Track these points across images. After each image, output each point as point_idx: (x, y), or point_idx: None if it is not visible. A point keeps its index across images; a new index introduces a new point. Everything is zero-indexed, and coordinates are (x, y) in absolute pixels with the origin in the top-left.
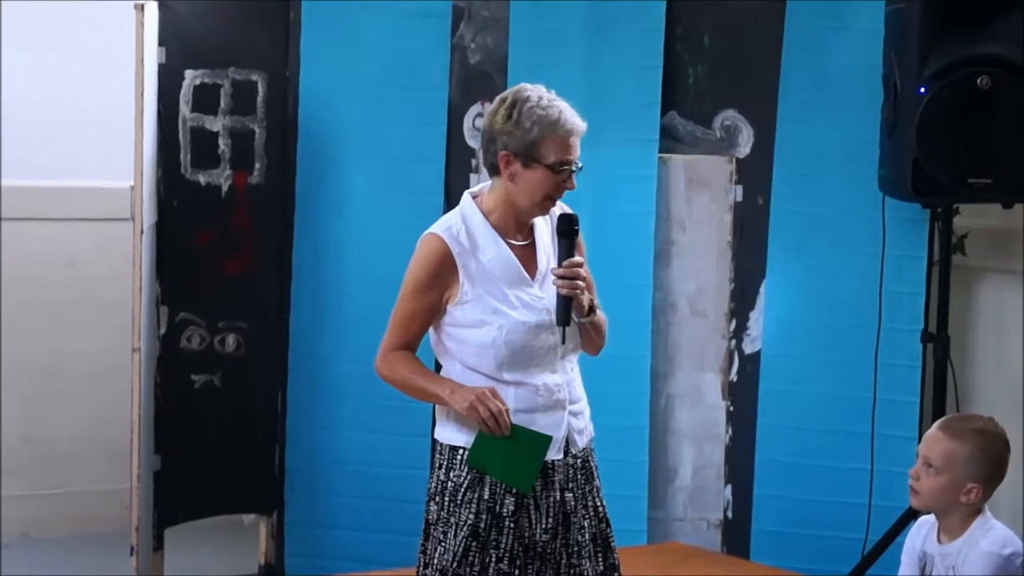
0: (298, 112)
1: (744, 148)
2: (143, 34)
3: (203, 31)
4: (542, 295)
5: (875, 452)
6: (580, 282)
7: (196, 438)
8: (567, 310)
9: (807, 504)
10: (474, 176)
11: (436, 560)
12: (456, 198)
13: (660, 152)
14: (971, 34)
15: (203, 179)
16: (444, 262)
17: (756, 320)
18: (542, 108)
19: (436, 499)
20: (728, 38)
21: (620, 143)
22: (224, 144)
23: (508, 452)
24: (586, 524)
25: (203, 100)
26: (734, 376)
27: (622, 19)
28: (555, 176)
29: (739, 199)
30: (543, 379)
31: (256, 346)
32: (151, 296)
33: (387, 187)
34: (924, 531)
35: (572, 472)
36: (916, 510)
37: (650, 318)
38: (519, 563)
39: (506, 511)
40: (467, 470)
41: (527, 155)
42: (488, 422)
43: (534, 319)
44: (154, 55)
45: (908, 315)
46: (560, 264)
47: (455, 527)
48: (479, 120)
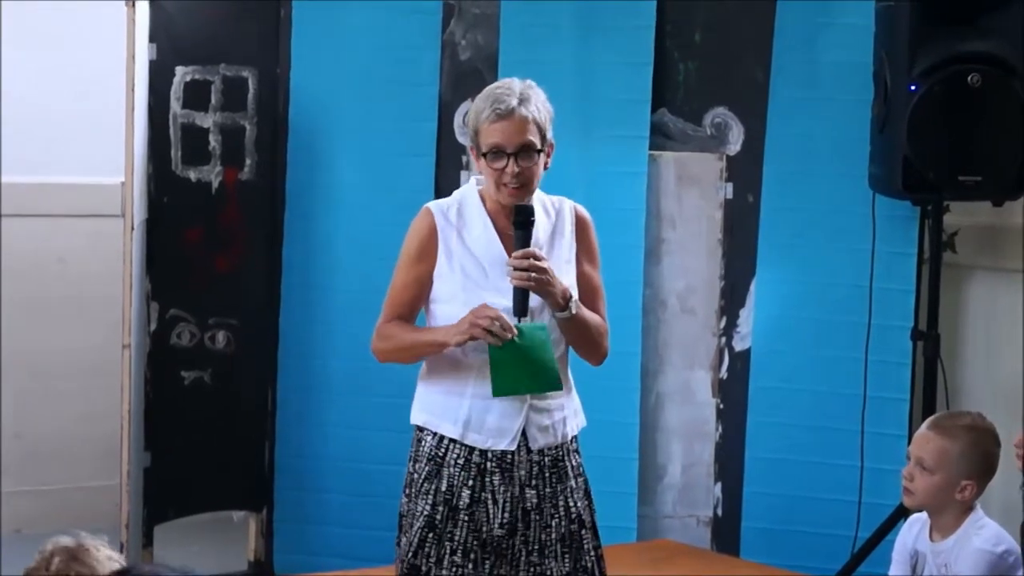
0: (289, 109)
1: (734, 145)
2: (134, 31)
3: (194, 28)
4: None
5: (865, 449)
6: (535, 274)
7: (186, 435)
8: (523, 302)
9: (797, 501)
10: (464, 173)
11: (400, 551)
12: (446, 194)
13: (650, 149)
14: (961, 31)
15: (194, 175)
16: (429, 234)
17: (746, 317)
18: (482, 99)
19: (406, 490)
20: (719, 35)
21: (610, 140)
22: (215, 140)
23: (523, 356)
24: (553, 524)
25: (194, 96)
26: (724, 373)
27: (613, 16)
28: (492, 163)
29: (729, 196)
30: None
31: (246, 343)
32: (142, 292)
33: (377, 183)
34: (916, 529)
35: (536, 469)
36: (906, 508)
37: (640, 315)
38: (474, 557)
39: (462, 503)
40: (427, 461)
41: (476, 147)
42: (493, 329)
43: (503, 303)
44: (145, 52)
45: (898, 312)
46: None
47: (412, 518)
48: None
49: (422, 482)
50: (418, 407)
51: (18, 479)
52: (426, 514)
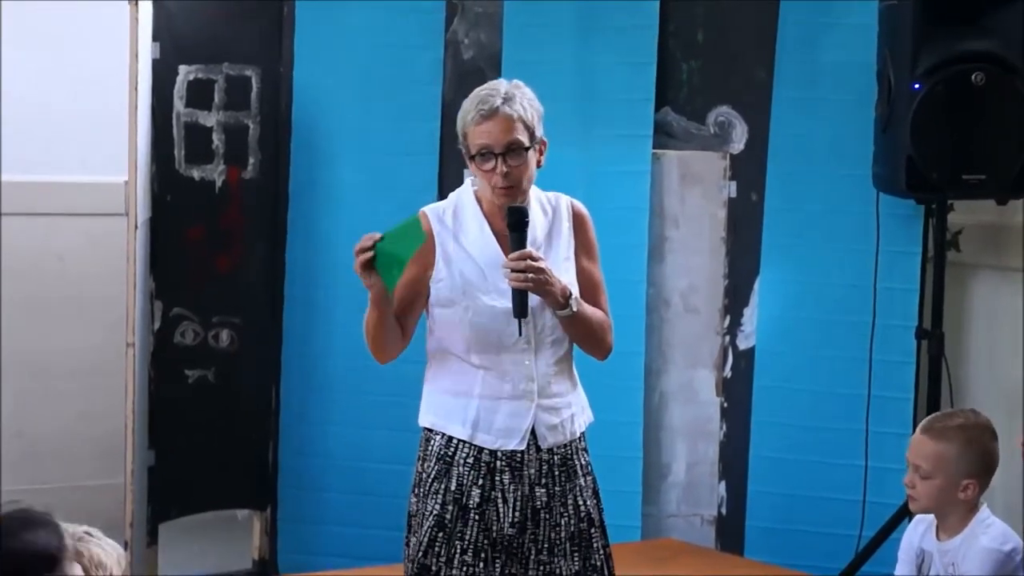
0: (292, 107)
1: (738, 144)
2: (137, 29)
3: (197, 26)
4: None
5: (869, 448)
6: (532, 274)
7: (189, 433)
8: (522, 303)
9: (801, 500)
10: (467, 171)
11: (411, 550)
12: (449, 194)
13: (654, 148)
14: (964, 30)
15: (197, 174)
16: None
17: (750, 316)
18: (468, 102)
19: (415, 490)
20: (722, 34)
21: (614, 139)
22: (218, 139)
23: (391, 248)
24: (563, 522)
25: (197, 95)
26: (728, 372)
27: (616, 15)
28: (480, 165)
29: (733, 195)
30: (512, 368)
31: (249, 341)
32: (145, 291)
33: (380, 183)
34: (922, 528)
35: (547, 468)
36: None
37: (644, 314)
38: (484, 556)
39: (472, 503)
40: (436, 461)
41: (466, 149)
42: (364, 245)
43: (504, 305)
44: (148, 50)
45: (902, 311)
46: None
47: (422, 517)
48: None
49: (431, 481)
50: (425, 409)
51: (18, 478)
52: (436, 513)
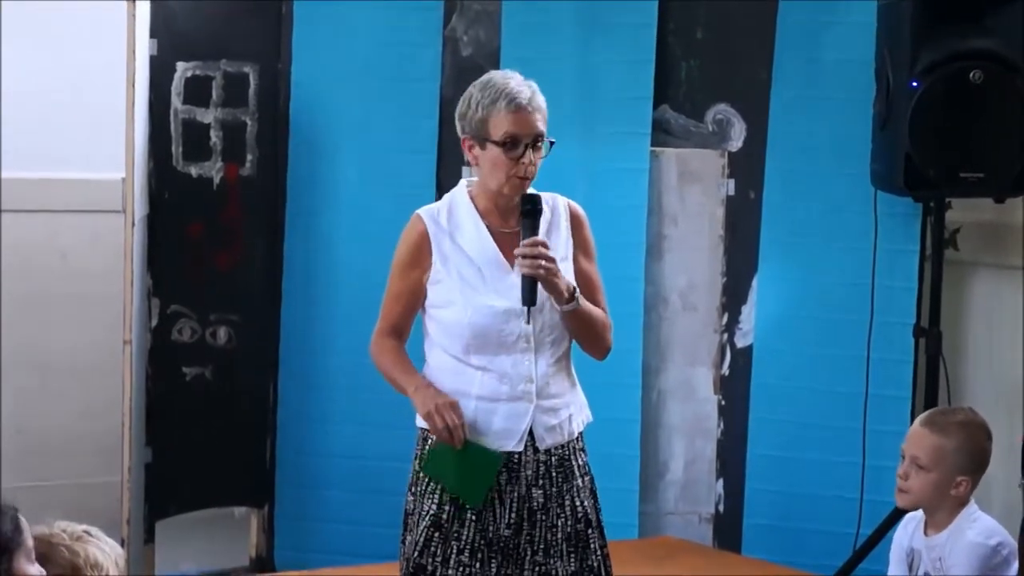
0: (290, 104)
1: (736, 142)
2: (134, 26)
3: (195, 23)
4: (518, 282)
5: (867, 447)
6: (544, 262)
7: (187, 431)
8: (532, 290)
9: (799, 498)
10: (466, 169)
11: (406, 549)
12: (448, 191)
13: (652, 146)
14: (963, 28)
15: (195, 171)
16: (421, 241)
17: (748, 314)
18: (489, 87)
19: (412, 489)
20: (721, 32)
21: (612, 137)
22: (216, 136)
23: (461, 466)
24: (559, 523)
25: (195, 92)
26: (726, 370)
27: (614, 13)
28: (508, 152)
29: (731, 193)
30: (511, 368)
31: (247, 339)
32: (143, 288)
33: (379, 180)
34: (911, 528)
35: (543, 469)
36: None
37: (642, 312)
38: (481, 556)
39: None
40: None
41: (480, 136)
42: (442, 434)
43: (503, 304)
44: (145, 47)
45: (900, 309)
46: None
47: (418, 516)
48: None
49: (428, 481)
50: None
51: (18, 474)
52: (432, 513)
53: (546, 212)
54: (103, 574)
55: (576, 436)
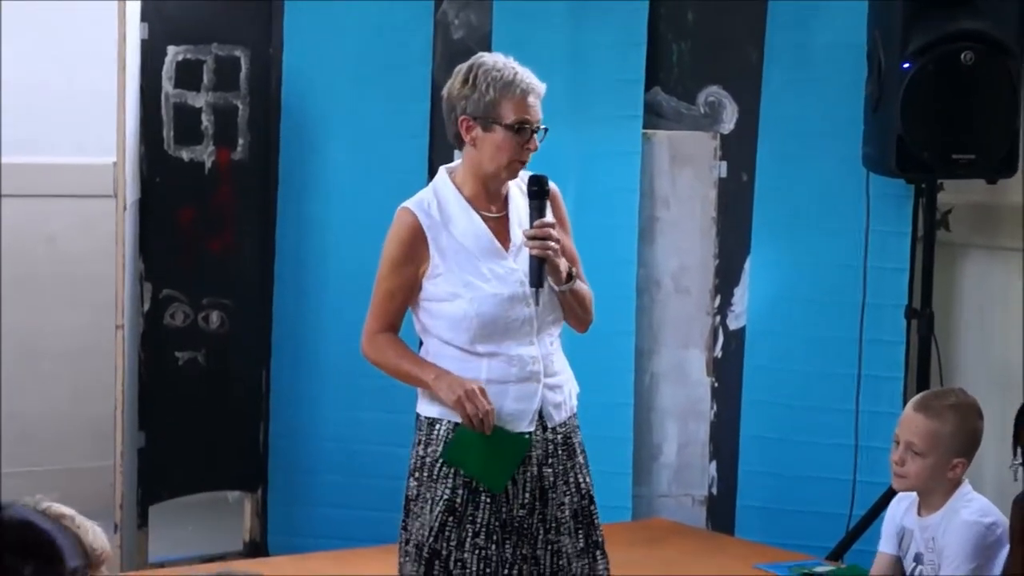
0: (281, 89)
1: (728, 124)
2: (125, 10)
3: (185, 7)
4: (516, 267)
5: (859, 428)
6: (552, 243)
7: (180, 415)
8: (540, 272)
9: (792, 480)
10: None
11: (414, 535)
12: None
13: (644, 128)
14: (954, 10)
15: (186, 155)
16: (416, 236)
17: (741, 296)
18: (497, 70)
19: (415, 475)
20: (712, 15)
21: (604, 120)
22: (207, 120)
23: (486, 451)
24: (566, 500)
25: (186, 76)
26: (719, 353)
27: None
28: (516, 137)
29: (723, 175)
30: (517, 351)
31: (240, 323)
32: (134, 273)
33: (370, 164)
34: (904, 505)
35: (552, 447)
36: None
37: (634, 295)
38: (496, 538)
39: (482, 486)
40: (443, 446)
41: (486, 117)
42: (473, 420)
43: (507, 291)
44: (136, 31)
45: (892, 291)
46: (532, 225)
47: (431, 502)
48: None
49: (440, 466)
50: (429, 399)
51: (9, 460)
52: (446, 498)
53: (525, 193)
54: (104, 557)
55: (574, 413)
